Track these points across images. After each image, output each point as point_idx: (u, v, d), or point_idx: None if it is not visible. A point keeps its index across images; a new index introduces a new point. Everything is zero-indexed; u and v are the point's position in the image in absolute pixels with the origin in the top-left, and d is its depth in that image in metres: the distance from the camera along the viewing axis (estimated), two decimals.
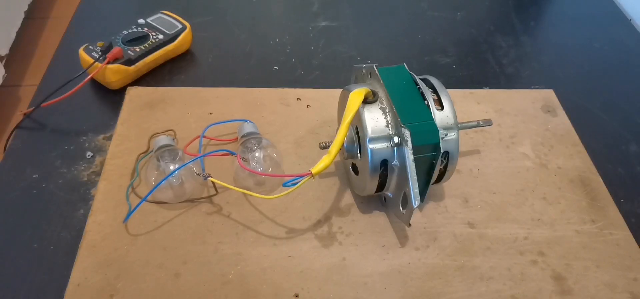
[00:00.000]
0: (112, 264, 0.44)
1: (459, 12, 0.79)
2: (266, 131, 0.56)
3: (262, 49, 0.69)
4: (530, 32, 0.76)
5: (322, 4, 0.79)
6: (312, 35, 0.72)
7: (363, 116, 0.43)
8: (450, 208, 0.50)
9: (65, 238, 0.46)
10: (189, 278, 0.43)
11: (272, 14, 0.77)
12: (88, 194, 0.49)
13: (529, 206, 0.51)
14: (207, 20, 0.74)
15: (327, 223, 0.48)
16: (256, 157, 0.49)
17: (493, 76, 0.67)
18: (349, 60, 0.68)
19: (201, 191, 0.50)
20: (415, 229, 0.48)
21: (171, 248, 0.45)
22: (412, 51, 0.71)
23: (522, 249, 0.47)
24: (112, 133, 0.55)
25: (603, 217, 0.50)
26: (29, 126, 0.57)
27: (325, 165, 0.43)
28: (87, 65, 0.58)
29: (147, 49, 0.61)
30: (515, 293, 0.44)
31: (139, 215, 0.47)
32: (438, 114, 0.44)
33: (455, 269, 0.45)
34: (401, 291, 0.44)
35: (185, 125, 0.56)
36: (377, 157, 0.43)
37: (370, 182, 0.45)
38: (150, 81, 0.62)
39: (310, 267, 0.45)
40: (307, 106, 0.60)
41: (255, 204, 0.49)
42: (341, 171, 0.53)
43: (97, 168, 0.52)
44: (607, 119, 0.62)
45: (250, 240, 0.46)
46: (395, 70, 0.47)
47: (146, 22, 0.65)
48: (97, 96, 0.60)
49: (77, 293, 0.42)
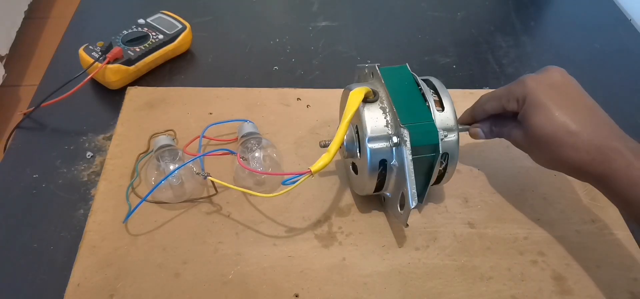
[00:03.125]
0: (112, 264, 0.44)
1: (459, 12, 0.79)
2: (266, 131, 0.56)
3: (262, 49, 0.69)
4: (530, 32, 0.76)
5: (322, 4, 0.79)
6: (312, 35, 0.72)
7: (363, 115, 0.43)
8: (450, 208, 0.50)
9: (65, 238, 0.46)
10: (189, 278, 0.43)
11: (272, 14, 0.77)
12: (88, 194, 0.50)
13: (529, 206, 0.51)
14: (207, 20, 0.74)
15: (327, 223, 0.48)
16: (256, 157, 0.49)
17: (493, 76, 0.67)
18: (349, 60, 0.68)
19: (201, 191, 0.50)
20: (415, 229, 0.48)
21: (171, 248, 0.45)
22: (412, 51, 0.71)
23: (522, 249, 0.47)
24: (112, 133, 0.55)
25: (603, 217, 0.50)
26: (29, 126, 0.57)
27: (324, 163, 0.43)
28: (87, 65, 0.58)
29: (147, 49, 0.61)
30: (515, 293, 0.44)
31: (139, 215, 0.47)
32: (438, 115, 0.44)
33: (455, 269, 0.45)
34: (401, 291, 0.44)
35: (185, 125, 0.56)
36: (376, 156, 0.43)
37: (369, 181, 0.45)
38: (150, 81, 0.62)
39: (310, 267, 0.45)
40: (307, 106, 0.60)
41: (255, 204, 0.49)
42: (341, 171, 0.53)
43: (97, 168, 0.52)
44: None
45: (250, 240, 0.46)
46: (397, 71, 0.47)
47: (146, 22, 0.65)
48: (97, 96, 0.60)
49: (77, 293, 0.42)
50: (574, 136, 0.40)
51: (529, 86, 0.42)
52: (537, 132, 0.41)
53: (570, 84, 0.42)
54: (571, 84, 0.42)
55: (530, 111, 0.41)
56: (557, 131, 0.40)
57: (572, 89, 0.42)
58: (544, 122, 0.41)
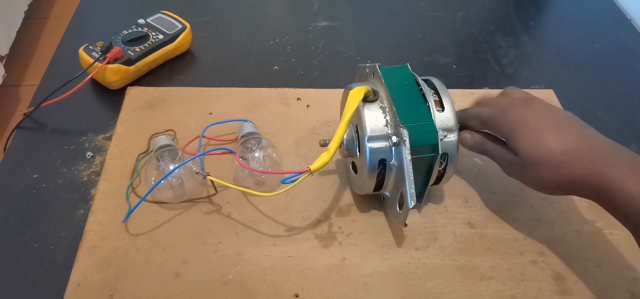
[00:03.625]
0: (112, 264, 0.44)
1: (459, 12, 0.79)
2: (266, 131, 0.56)
3: (262, 49, 0.69)
4: (530, 32, 0.76)
5: (322, 4, 0.79)
6: (312, 35, 0.72)
7: (362, 115, 0.43)
8: (450, 208, 0.50)
9: (65, 238, 0.46)
10: (189, 278, 0.43)
11: (272, 14, 0.77)
12: (88, 194, 0.50)
13: (529, 206, 0.51)
14: (207, 20, 0.74)
15: (327, 223, 0.48)
16: (256, 157, 0.49)
17: (493, 76, 0.67)
18: (349, 60, 0.68)
19: (201, 191, 0.50)
20: (415, 229, 0.48)
21: (171, 248, 0.45)
22: (412, 51, 0.71)
23: (522, 249, 0.47)
24: (112, 133, 0.55)
25: (603, 217, 0.50)
26: (29, 126, 0.57)
27: (324, 162, 0.43)
28: (87, 65, 0.58)
29: (147, 49, 0.61)
30: (515, 293, 0.44)
31: (139, 215, 0.47)
32: (438, 115, 0.44)
33: (455, 269, 0.45)
34: (401, 291, 0.44)
35: (185, 125, 0.56)
36: (375, 156, 0.43)
37: (368, 181, 0.45)
38: (150, 81, 0.62)
39: (310, 267, 0.45)
40: (307, 106, 0.60)
41: (255, 204, 0.49)
42: (341, 171, 0.53)
43: (97, 168, 0.52)
44: (608, 119, 0.62)
45: (250, 240, 0.46)
46: (398, 71, 0.47)
47: (146, 22, 0.65)
48: (97, 96, 0.60)
49: (77, 293, 0.42)
50: (567, 154, 0.40)
51: (512, 119, 0.43)
52: (530, 159, 0.41)
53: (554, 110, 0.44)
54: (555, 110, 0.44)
55: (517, 140, 0.42)
56: (550, 153, 0.40)
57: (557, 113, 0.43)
58: (536, 148, 0.41)
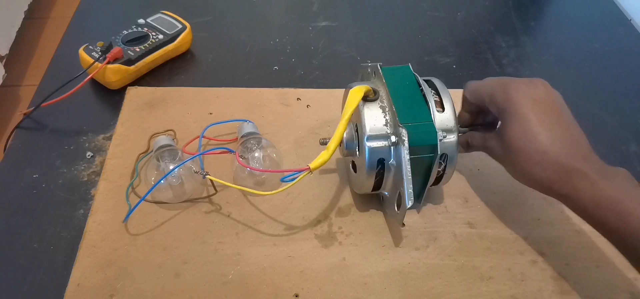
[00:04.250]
0: (112, 264, 0.44)
1: (459, 12, 0.79)
2: (266, 131, 0.56)
3: (262, 49, 0.69)
4: (530, 32, 0.76)
5: (322, 4, 0.79)
6: (312, 35, 0.72)
7: (362, 114, 0.43)
8: (450, 208, 0.50)
9: (65, 238, 0.46)
10: (189, 278, 0.43)
11: (272, 14, 0.77)
12: (88, 194, 0.50)
13: (529, 206, 0.51)
14: (207, 20, 0.74)
15: (327, 223, 0.48)
16: (256, 157, 0.49)
17: (493, 76, 0.67)
18: (349, 60, 0.68)
19: (201, 191, 0.50)
20: (415, 229, 0.48)
21: (171, 248, 0.45)
22: (412, 51, 0.71)
23: (522, 249, 0.47)
24: (112, 133, 0.55)
25: None
26: (29, 126, 0.57)
27: (323, 160, 0.43)
28: (87, 65, 0.58)
29: (147, 49, 0.61)
30: (515, 293, 0.44)
31: (139, 215, 0.47)
32: (438, 115, 0.44)
33: (455, 269, 0.45)
34: (401, 291, 0.44)
35: (185, 125, 0.56)
36: (374, 155, 0.43)
37: (367, 180, 0.45)
38: (150, 81, 0.62)
39: (310, 267, 0.45)
40: (307, 106, 0.60)
41: (255, 204, 0.49)
42: (341, 170, 0.53)
43: (97, 168, 0.52)
44: (607, 119, 0.62)
45: (250, 240, 0.46)
46: (399, 71, 0.47)
47: (146, 22, 0.65)
48: (97, 96, 0.60)
49: (77, 293, 0.42)
50: (542, 154, 0.40)
51: (511, 96, 0.42)
52: (510, 145, 0.41)
53: (552, 100, 0.42)
54: (553, 99, 0.42)
55: (508, 122, 0.42)
56: (528, 147, 0.40)
57: (553, 104, 0.41)
58: (518, 136, 0.41)
